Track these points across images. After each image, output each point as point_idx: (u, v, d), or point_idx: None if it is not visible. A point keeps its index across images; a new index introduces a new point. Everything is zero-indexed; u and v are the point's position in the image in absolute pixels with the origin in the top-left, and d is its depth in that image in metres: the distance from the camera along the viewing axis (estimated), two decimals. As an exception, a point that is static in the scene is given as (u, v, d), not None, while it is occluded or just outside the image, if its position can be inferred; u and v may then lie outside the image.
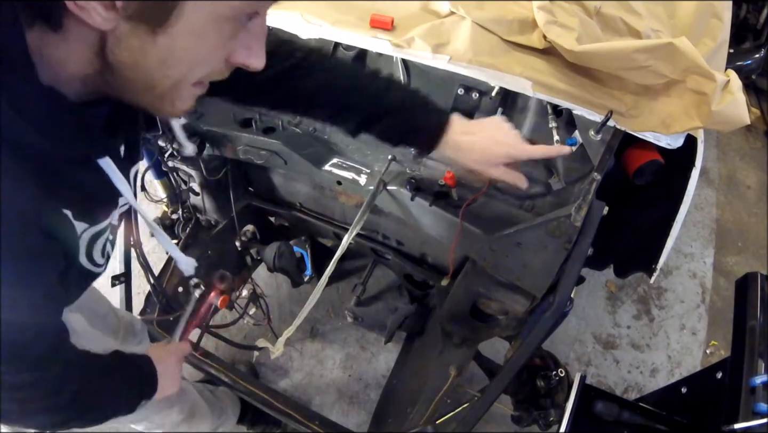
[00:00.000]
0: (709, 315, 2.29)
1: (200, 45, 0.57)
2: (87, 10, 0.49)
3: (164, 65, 0.57)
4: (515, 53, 1.10)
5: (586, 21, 1.09)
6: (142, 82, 0.59)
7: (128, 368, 0.97)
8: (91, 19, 0.50)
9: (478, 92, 1.22)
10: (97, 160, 0.66)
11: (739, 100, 0.93)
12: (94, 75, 0.58)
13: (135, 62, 0.56)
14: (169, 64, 0.57)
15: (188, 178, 1.58)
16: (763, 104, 3.19)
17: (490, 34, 1.12)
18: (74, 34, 0.53)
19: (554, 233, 1.07)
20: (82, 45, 0.54)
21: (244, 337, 2.08)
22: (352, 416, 1.94)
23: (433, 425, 1.24)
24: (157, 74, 0.58)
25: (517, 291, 1.29)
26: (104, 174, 0.68)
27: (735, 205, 2.76)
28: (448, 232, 1.27)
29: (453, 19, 1.14)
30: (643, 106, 1.04)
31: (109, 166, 0.67)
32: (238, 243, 1.70)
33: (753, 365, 0.99)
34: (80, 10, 0.49)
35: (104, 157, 0.66)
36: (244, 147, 1.43)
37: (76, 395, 0.80)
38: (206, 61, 0.60)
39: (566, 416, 1.19)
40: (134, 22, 0.52)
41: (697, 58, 0.93)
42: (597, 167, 1.04)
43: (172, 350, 1.13)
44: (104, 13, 0.50)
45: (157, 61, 0.56)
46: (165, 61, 0.57)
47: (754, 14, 2.70)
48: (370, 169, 1.34)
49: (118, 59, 0.56)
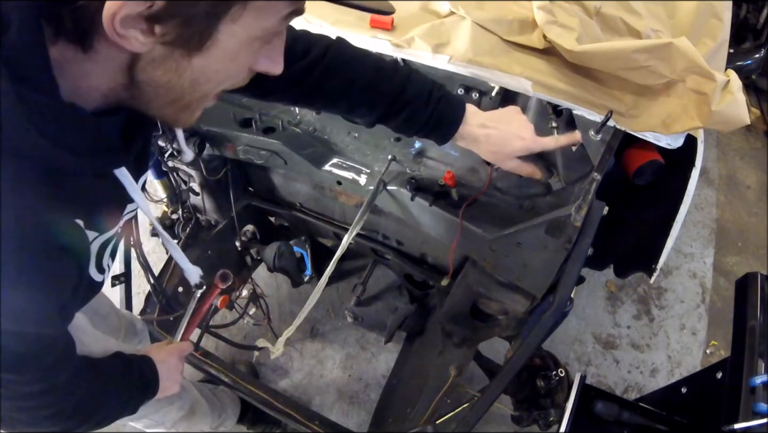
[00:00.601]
0: (709, 315, 2.29)
1: (231, 65, 0.59)
2: (126, 37, 0.50)
3: (196, 83, 0.58)
4: (515, 53, 1.10)
5: (586, 21, 1.09)
6: (170, 98, 0.60)
7: (130, 369, 0.97)
8: (129, 45, 0.51)
9: (478, 92, 1.22)
10: (114, 171, 0.66)
11: (739, 100, 0.93)
12: (118, 89, 0.58)
13: (168, 81, 0.57)
14: (201, 83, 0.59)
15: (188, 178, 1.58)
16: (763, 104, 3.19)
17: (490, 34, 1.12)
18: (103, 56, 0.53)
19: (554, 233, 1.07)
20: (111, 64, 0.55)
21: (244, 337, 2.08)
22: (352, 416, 1.94)
23: (433, 425, 1.24)
24: (187, 91, 0.59)
25: (517, 291, 1.29)
26: (119, 183, 0.68)
27: (735, 205, 2.76)
28: (448, 232, 1.27)
29: (453, 19, 1.14)
30: (643, 106, 1.04)
31: (124, 177, 0.68)
32: (238, 243, 1.70)
33: (753, 365, 0.99)
34: (120, 38, 0.50)
35: (120, 168, 0.67)
36: (244, 147, 1.43)
37: (81, 401, 0.80)
38: (234, 77, 0.62)
39: (566, 416, 1.19)
40: (171, 47, 0.53)
41: (697, 58, 0.92)
42: (597, 167, 1.04)
43: (173, 350, 1.13)
44: (142, 39, 0.50)
45: (190, 80, 0.58)
46: (197, 80, 0.58)
47: (754, 14, 2.70)
48: (370, 169, 1.34)
49: (150, 78, 0.56)
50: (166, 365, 1.05)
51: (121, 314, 1.45)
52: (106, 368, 0.91)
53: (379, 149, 1.36)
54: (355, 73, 0.96)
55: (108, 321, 1.37)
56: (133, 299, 1.55)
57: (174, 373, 1.08)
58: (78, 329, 1.02)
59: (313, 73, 0.94)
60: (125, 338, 1.43)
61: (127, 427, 1.29)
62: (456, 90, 1.24)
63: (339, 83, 0.95)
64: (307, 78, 0.94)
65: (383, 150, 1.35)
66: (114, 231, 0.73)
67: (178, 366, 1.11)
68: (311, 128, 1.43)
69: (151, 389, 0.99)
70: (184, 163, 1.48)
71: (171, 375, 1.06)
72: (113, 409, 0.90)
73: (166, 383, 1.02)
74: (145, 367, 1.00)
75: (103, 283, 0.75)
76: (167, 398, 1.26)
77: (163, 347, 1.16)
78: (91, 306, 1.26)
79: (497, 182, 1.24)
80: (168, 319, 1.49)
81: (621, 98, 1.05)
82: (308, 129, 1.43)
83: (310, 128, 1.43)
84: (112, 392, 0.89)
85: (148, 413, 1.27)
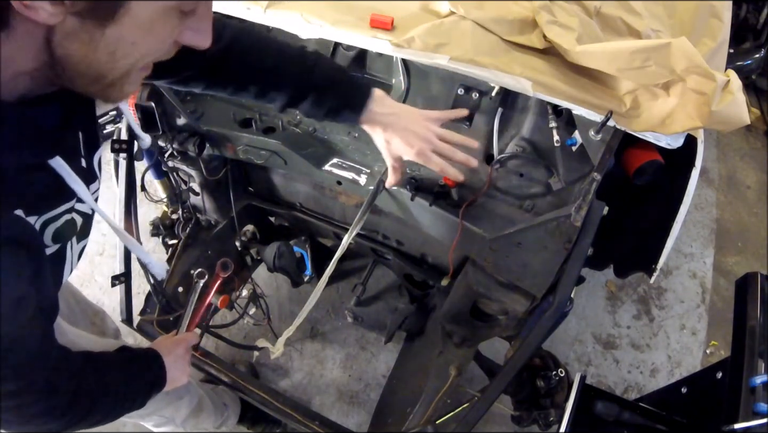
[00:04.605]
0: (709, 315, 2.29)
1: (149, 37, 0.58)
2: (34, 8, 0.49)
3: (113, 57, 0.57)
4: (515, 53, 1.10)
5: (586, 21, 1.09)
6: (92, 74, 0.59)
7: (135, 362, 0.97)
8: (37, 15, 0.50)
9: (478, 92, 1.22)
10: (48, 161, 0.65)
11: (739, 100, 0.93)
12: (43, 68, 0.57)
13: (84, 55, 0.56)
14: (118, 56, 0.58)
15: (188, 178, 1.58)
16: (763, 104, 3.19)
17: (490, 34, 1.12)
18: (20, 31, 0.52)
19: (554, 233, 1.07)
20: (29, 40, 0.54)
21: (244, 337, 2.08)
22: (352, 416, 1.94)
23: (433, 425, 1.24)
24: (107, 65, 0.58)
25: (517, 291, 1.29)
26: (57, 174, 0.67)
27: (735, 205, 2.76)
28: (448, 232, 1.27)
29: (453, 19, 1.14)
30: (643, 106, 1.04)
31: (61, 167, 0.66)
32: (238, 243, 1.70)
33: (753, 365, 0.99)
34: (27, 9, 0.49)
35: (54, 158, 0.65)
36: (244, 147, 1.43)
37: (75, 396, 0.79)
38: (155, 49, 0.61)
39: (566, 416, 1.19)
40: (81, 18, 0.52)
41: (697, 58, 0.92)
42: (597, 167, 1.04)
43: (179, 341, 1.13)
44: (51, 9, 0.50)
45: (106, 53, 0.56)
46: (114, 53, 0.57)
47: (754, 14, 2.70)
48: (370, 169, 1.34)
49: (66, 53, 0.55)
50: (173, 356, 1.05)
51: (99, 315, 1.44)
52: (108, 363, 0.90)
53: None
54: (264, 57, 0.98)
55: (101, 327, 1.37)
56: (133, 299, 1.54)
57: (181, 364, 1.08)
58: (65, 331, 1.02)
59: (226, 58, 0.96)
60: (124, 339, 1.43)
61: (128, 427, 1.29)
62: (456, 90, 1.24)
63: (249, 68, 0.98)
64: (221, 63, 0.95)
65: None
66: (62, 210, 0.71)
67: (185, 357, 1.11)
68: (311, 128, 1.43)
69: (159, 381, 0.99)
70: (184, 162, 1.48)
71: (178, 366, 1.06)
72: (118, 404, 0.89)
73: (174, 374, 1.02)
74: (150, 359, 1.00)
75: (55, 257, 0.72)
76: (176, 393, 1.25)
77: (169, 338, 1.16)
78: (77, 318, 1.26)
79: (497, 182, 1.23)
80: (168, 319, 1.48)
81: (621, 98, 1.05)
82: (308, 129, 1.43)
83: (310, 128, 1.43)
84: (116, 387, 0.89)
85: (158, 409, 1.27)
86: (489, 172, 1.22)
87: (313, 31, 1.17)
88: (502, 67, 1.06)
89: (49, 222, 0.69)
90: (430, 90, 1.30)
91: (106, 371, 0.88)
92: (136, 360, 0.98)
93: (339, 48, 1.37)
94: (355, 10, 1.18)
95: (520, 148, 1.20)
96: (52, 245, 0.71)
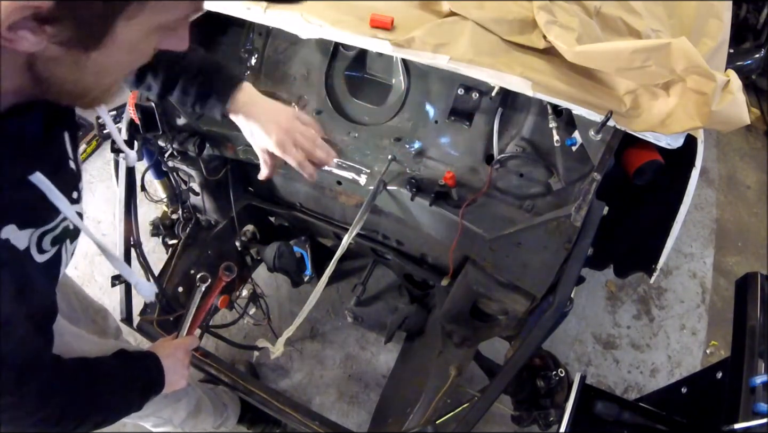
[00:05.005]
0: (709, 315, 2.29)
1: (134, 54, 0.60)
2: (16, 39, 0.49)
3: (99, 76, 0.59)
4: (515, 53, 1.10)
5: (586, 21, 1.09)
6: (78, 91, 0.60)
7: (133, 366, 0.97)
8: (20, 45, 0.49)
9: (478, 92, 1.22)
10: (29, 177, 0.64)
11: (739, 100, 0.93)
12: (27, 87, 0.58)
13: (71, 76, 0.57)
14: (104, 75, 0.59)
15: (188, 178, 1.58)
16: (763, 104, 3.19)
17: (491, 34, 1.12)
18: (2, 57, 0.52)
19: (554, 233, 1.07)
20: (11, 64, 0.53)
21: (244, 337, 2.08)
22: (352, 416, 1.94)
23: (433, 425, 1.24)
24: (93, 84, 0.59)
25: (517, 291, 1.29)
26: (39, 190, 0.66)
27: (735, 205, 2.76)
28: (448, 232, 1.27)
29: (453, 19, 1.14)
30: (643, 106, 1.04)
31: (41, 182, 0.65)
32: (238, 243, 1.70)
33: (753, 365, 0.99)
34: (9, 42, 0.49)
35: (34, 174, 0.64)
36: (244, 147, 1.42)
37: (67, 406, 0.79)
38: (139, 63, 0.63)
39: (566, 416, 1.19)
40: (66, 46, 0.52)
41: (697, 58, 0.92)
42: (597, 167, 1.05)
43: (179, 344, 1.13)
44: (33, 39, 0.49)
45: (93, 73, 0.57)
46: (99, 73, 0.58)
47: (754, 14, 2.70)
48: (370, 169, 1.34)
49: (51, 74, 0.56)
50: (172, 359, 1.04)
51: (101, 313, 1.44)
52: (104, 369, 0.90)
53: (379, 149, 1.36)
54: None
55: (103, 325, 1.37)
56: (133, 299, 1.54)
57: (180, 367, 1.08)
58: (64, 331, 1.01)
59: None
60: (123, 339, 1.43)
61: (128, 427, 1.29)
62: (456, 90, 1.24)
63: None
64: None
65: (383, 150, 1.35)
66: (55, 223, 0.71)
67: (184, 360, 1.11)
68: (311, 128, 1.43)
69: (157, 384, 0.99)
70: (184, 162, 1.48)
71: (177, 369, 1.06)
72: (115, 408, 0.90)
73: (172, 377, 1.02)
74: (149, 363, 1.00)
75: (52, 261, 0.72)
76: (175, 395, 1.25)
77: (169, 341, 1.16)
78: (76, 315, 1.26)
79: (497, 182, 1.24)
80: (168, 319, 1.48)
81: (621, 98, 1.05)
82: (308, 129, 1.43)
83: (310, 128, 1.43)
84: (113, 392, 0.89)
85: (156, 410, 1.26)
86: (489, 172, 1.22)
87: (313, 31, 1.17)
88: (502, 68, 1.06)
89: (47, 232, 0.69)
90: (430, 90, 1.30)
91: (101, 378, 0.88)
92: (133, 363, 0.98)
93: (339, 48, 1.37)
94: (355, 10, 1.18)
95: (520, 148, 1.20)
96: (51, 249, 0.71)
